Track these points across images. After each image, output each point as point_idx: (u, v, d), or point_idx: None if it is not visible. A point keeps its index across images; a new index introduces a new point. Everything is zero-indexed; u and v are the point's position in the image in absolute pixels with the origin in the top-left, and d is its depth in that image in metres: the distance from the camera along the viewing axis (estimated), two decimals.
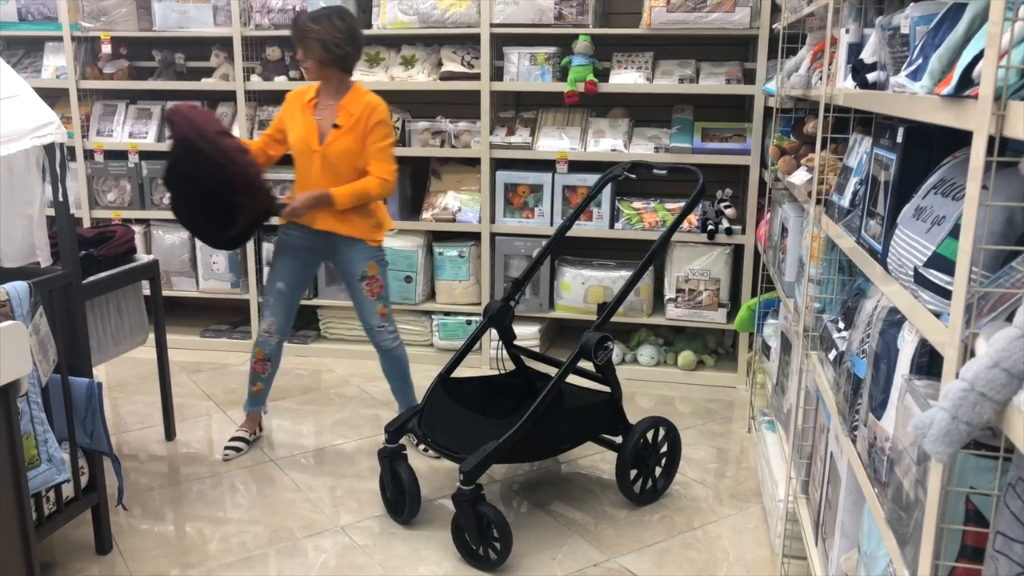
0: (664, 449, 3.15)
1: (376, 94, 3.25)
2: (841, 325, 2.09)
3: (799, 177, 2.72)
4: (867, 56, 1.96)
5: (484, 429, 2.71)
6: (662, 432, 3.13)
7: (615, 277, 4.27)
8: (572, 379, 3.05)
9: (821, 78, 2.45)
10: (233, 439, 3.48)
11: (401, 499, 2.91)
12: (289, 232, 3.32)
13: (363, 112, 3.17)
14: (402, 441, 2.94)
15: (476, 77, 4.26)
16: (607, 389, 3.05)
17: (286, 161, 3.37)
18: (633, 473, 3.05)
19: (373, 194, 3.18)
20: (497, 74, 4.34)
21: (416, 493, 2.89)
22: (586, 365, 2.99)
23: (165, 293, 4.41)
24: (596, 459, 3.45)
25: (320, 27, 3.10)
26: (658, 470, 3.15)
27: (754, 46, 4.09)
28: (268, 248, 4.64)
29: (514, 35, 4.28)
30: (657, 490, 3.13)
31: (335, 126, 3.17)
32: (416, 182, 4.73)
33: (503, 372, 3.29)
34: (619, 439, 3.07)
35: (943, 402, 1.06)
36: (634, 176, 3.19)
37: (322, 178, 3.17)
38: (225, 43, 4.59)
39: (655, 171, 3.17)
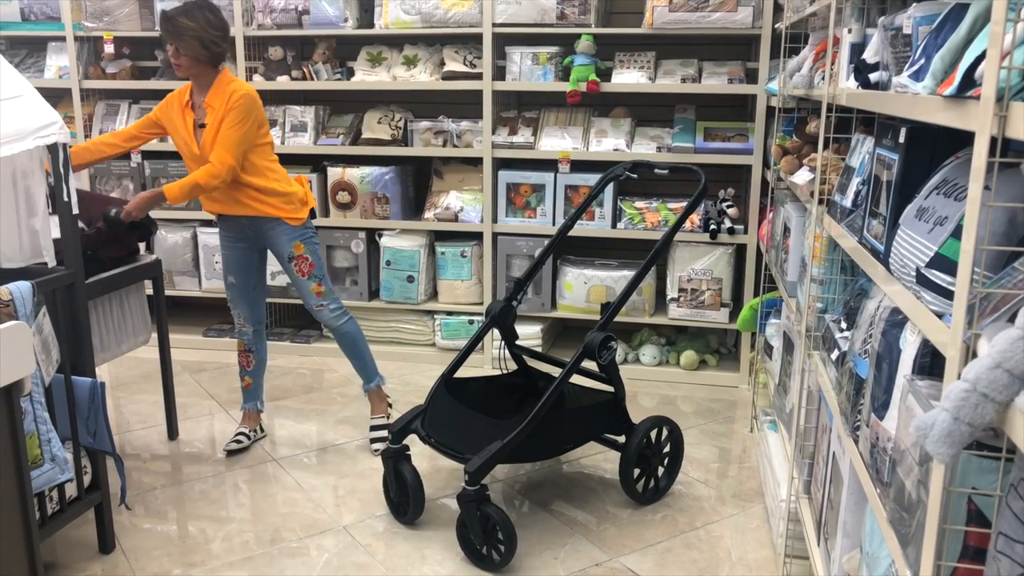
0: (667, 449, 3.15)
1: (245, 82, 3.17)
2: (843, 325, 2.09)
3: (801, 177, 2.72)
4: (869, 56, 1.96)
5: (488, 429, 2.71)
6: (665, 432, 3.13)
7: (617, 277, 4.27)
8: (576, 379, 3.05)
9: (823, 78, 2.45)
10: (235, 436, 3.49)
11: (405, 500, 2.91)
12: (222, 225, 3.35)
13: (222, 104, 3.08)
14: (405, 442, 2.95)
15: (478, 77, 4.27)
16: (610, 389, 3.05)
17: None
18: (636, 473, 3.05)
19: (201, 184, 3.03)
20: (499, 74, 4.34)
21: (420, 494, 2.89)
22: (589, 364, 3.00)
23: (168, 293, 4.43)
24: (599, 458, 3.45)
25: (196, 24, 3.03)
26: (661, 470, 3.15)
27: (756, 46, 4.08)
28: None
29: (516, 35, 4.28)
30: (660, 490, 3.14)
31: (202, 126, 3.13)
32: (418, 182, 4.73)
33: (505, 372, 3.30)
34: (622, 439, 3.07)
35: (945, 403, 1.06)
36: (636, 176, 3.19)
37: None
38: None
39: (657, 171, 3.17)
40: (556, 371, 2.97)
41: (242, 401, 3.58)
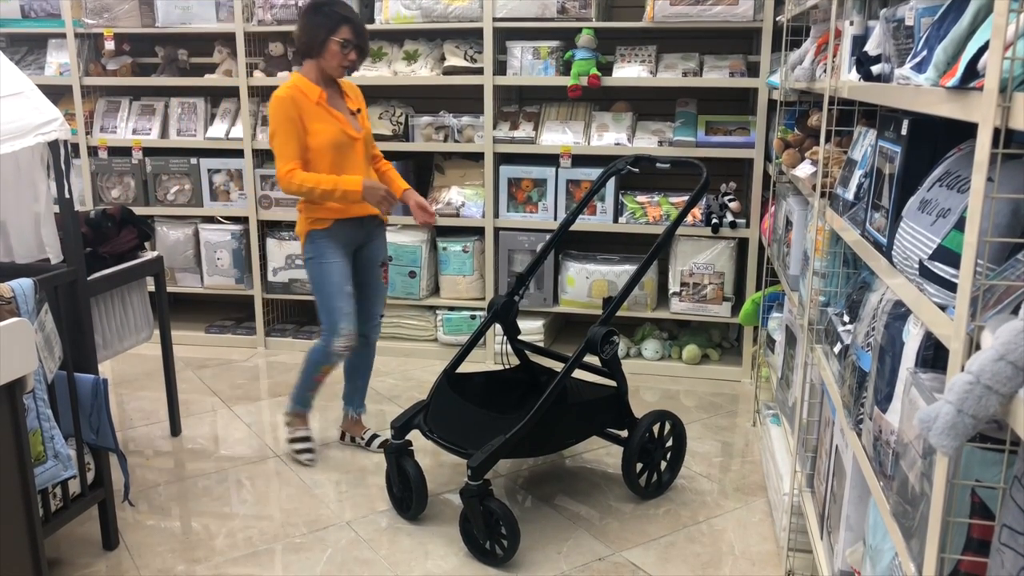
0: (669, 443, 3.15)
1: None
2: (846, 318, 2.09)
3: (803, 170, 2.71)
4: (871, 48, 1.96)
5: (490, 424, 2.71)
6: (667, 426, 3.13)
7: (619, 271, 4.27)
8: (578, 373, 3.05)
9: (825, 71, 2.45)
10: (298, 441, 3.40)
11: (408, 495, 2.92)
12: (342, 231, 3.13)
13: (357, 95, 3.31)
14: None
15: (479, 72, 4.26)
16: (613, 383, 3.05)
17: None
18: (638, 467, 3.05)
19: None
20: (500, 68, 4.33)
21: (423, 489, 2.89)
22: (591, 359, 2.99)
23: (170, 289, 4.43)
24: (601, 453, 3.45)
25: None
26: (663, 464, 3.15)
27: (758, 39, 4.07)
28: (271, 244, 4.65)
29: (517, 29, 4.27)
30: (662, 484, 3.14)
31: (357, 111, 3.24)
32: (420, 177, 4.72)
33: (508, 367, 3.29)
34: (624, 433, 3.07)
35: (949, 395, 1.05)
36: (637, 170, 3.18)
37: (363, 163, 3.22)
38: (228, 39, 4.59)
39: (658, 165, 3.16)
40: (558, 366, 2.98)
41: (299, 403, 3.41)
